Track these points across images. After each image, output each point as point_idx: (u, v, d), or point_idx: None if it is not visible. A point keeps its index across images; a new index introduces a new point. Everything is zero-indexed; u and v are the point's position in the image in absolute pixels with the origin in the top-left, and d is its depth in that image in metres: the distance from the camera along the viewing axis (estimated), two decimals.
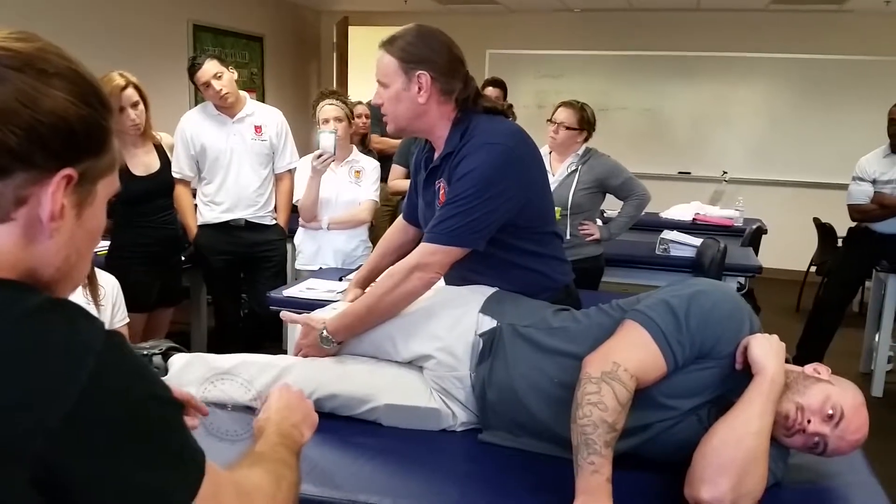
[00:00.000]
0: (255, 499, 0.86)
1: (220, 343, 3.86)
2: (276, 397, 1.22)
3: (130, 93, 3.07)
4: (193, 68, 3.49)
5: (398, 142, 4.98)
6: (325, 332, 1.84)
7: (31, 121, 0.71)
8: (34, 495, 0.64)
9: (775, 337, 1.47)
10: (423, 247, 1.84)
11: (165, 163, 3.32)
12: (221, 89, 3.47)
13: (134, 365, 0.73)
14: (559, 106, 3.70)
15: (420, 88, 1.86)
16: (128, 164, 3.14)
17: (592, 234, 3.62)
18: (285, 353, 2.75)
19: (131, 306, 2.88)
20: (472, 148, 1.84)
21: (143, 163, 3.23)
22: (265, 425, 1.11)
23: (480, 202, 1.79)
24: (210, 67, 3.45)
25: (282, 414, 1.15)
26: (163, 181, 3.31)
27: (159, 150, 3.30)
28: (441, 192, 1.93)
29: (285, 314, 2.04)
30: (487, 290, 1.86)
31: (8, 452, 0.63)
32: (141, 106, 3.12)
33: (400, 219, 2.36)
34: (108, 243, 3.30)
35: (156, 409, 0.73)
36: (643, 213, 5.43)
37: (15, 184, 0.72)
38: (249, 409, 1.68)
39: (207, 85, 3.47)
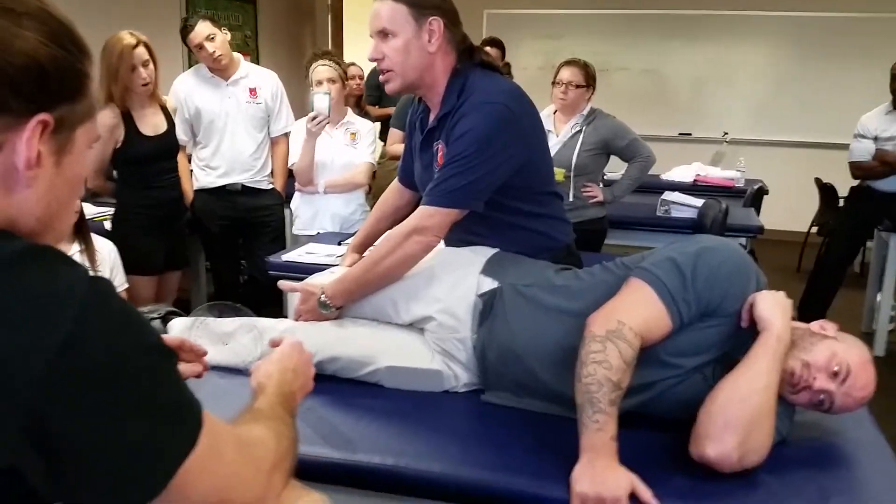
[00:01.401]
0: (256, 451, 0.84)
1: None
2: (284, 354, 1.18)
3: (141, 51, 3.02)
4: (185, 30, 3.43)
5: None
6: (323, 297, 1.82)
7: (2, 63, 0.68)
8: (26, 447, 0.62)
9: (782, 294, 1.45)
10: (422, 209, 1.81)
11: (171, 125, 3.28)
12: (215, 51, 3.41)
13: (121, 312, 0.70)
14: (562, 66, 3.64)
15: (431, 36, 1.80)
16: (137, 124, 3.11)
17: (596, 197, 3.59)
18: (286, 318, 2.74)
19: (139, 270, 2.87)
20: (469, 108, 1.80)
21: (152, 123, 3.19)
22: (266, 383, 1.09)
23: (479, 163, 1.76)
24: (202, 29, 3.39)
25: (285, 376, 1.12)
26: (169, 142, 3.28)
27: (165, 111, 3.26)
28: (439, 153, 1.89)
29: (283, 283, 2.01)
30: (488, 252, 1.83)
31: None
32: (151, 65, 3.07)
33: (395, 182, 2.32)
34: (110, 210, 3.28)
35: (145, 358, 0.70)
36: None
37: None
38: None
39: (200, 47, 3.41)
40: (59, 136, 0.74)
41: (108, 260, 2.46)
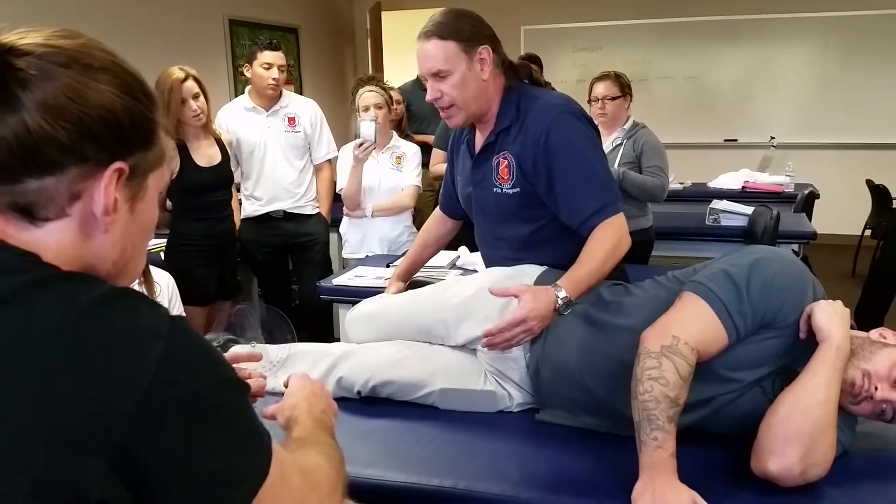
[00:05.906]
0: (317, 476, 0.87)
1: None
2: (298, 385, 1.20)
3: (191, 84, 3.11)
4: (259, 46, 3.53)
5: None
6: (563, 297, 1.69)
7: (80, 115, 0.72)
8: (115, 481, 0.65)
9: (839, 303, 1.43)
10: (612, 222, 1.80)
11: (226, 156, 3.36)
12: (276, 78, 3.51)
13: (201, 348, 0.74)
14: (594, 82, 3.63)
15: (483, 65, 1.85)
16: (192, 155, 3.19)
17: None
18: (337, 340, 2.77)
19: (191, 299, 2.93)
20: (546, 118, 1.83)
21: (207, 154, 3.27)
22: (296, 414, 1.10)
23: (597, 161, 1.84)
24: (278, 56, 3.51)
25: (310, 401, 1.14)
26: (223, 173, 3.35)
27: (220, 143, 3.34)
28: (502, 166, 1.90)
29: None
30: (537, 270, 1.84)
31: (88, 442, 0.64)
32: (202, 98, 3.15)
33: (437, 210, 2.34)
34: (164, 241, 3.36)
35: (224, 391, 0.74)
36: (689, 184, 5.37)
37: (68, 179, 0.73)
38: None
39: (268, 66, 3.49)
40: (133, 182, 0.78)
41: (165, 290, 2.52)
